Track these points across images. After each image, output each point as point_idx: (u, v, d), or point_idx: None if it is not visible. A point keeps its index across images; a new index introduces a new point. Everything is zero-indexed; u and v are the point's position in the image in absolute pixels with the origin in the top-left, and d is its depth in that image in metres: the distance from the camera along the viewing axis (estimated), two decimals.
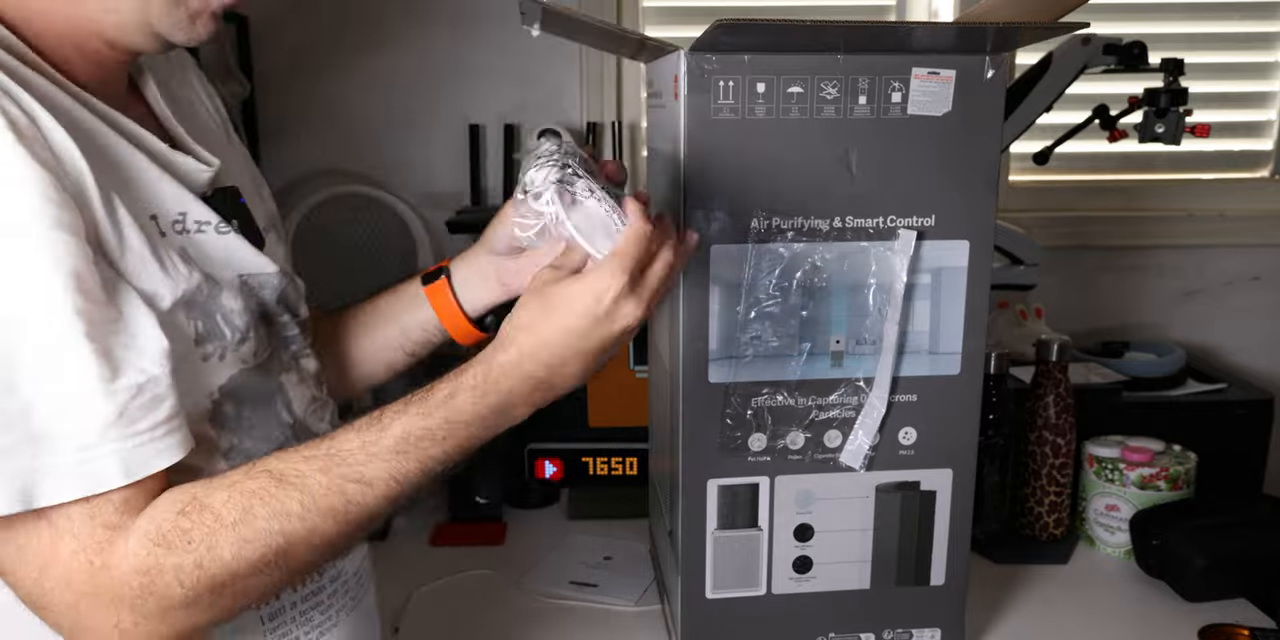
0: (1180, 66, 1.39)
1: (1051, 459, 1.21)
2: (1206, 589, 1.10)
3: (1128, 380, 1.40)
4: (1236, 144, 1.78)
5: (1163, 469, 1.19)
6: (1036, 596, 1.13)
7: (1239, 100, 1.76)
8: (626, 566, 1.18)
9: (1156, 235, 1.78)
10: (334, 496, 0.62)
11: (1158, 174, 1.80)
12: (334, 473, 0.63)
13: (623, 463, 1.32)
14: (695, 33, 0.78)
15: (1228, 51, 1.73)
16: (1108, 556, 1.22)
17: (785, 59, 0.82)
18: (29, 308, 0.55)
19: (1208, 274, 1.80)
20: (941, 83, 0.84)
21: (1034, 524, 1.24)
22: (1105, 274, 1.79)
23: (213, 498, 0.61)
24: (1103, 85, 1.47)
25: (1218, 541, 1.11)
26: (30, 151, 0.56)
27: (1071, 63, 1.35)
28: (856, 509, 0.93)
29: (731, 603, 0.94)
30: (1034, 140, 1.51)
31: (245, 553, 0.60)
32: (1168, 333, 1.78)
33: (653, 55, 0.93)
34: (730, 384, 0.88)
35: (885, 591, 0.95)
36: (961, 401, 0.91)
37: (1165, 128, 1.39)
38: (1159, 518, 1.16)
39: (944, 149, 0.86)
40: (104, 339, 0.57)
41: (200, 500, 0.61)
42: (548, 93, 1.68)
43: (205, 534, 0.59)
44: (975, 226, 0.88)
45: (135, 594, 0.58)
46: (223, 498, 0.61)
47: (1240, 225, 1.78)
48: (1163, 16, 1.72)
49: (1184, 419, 1.35)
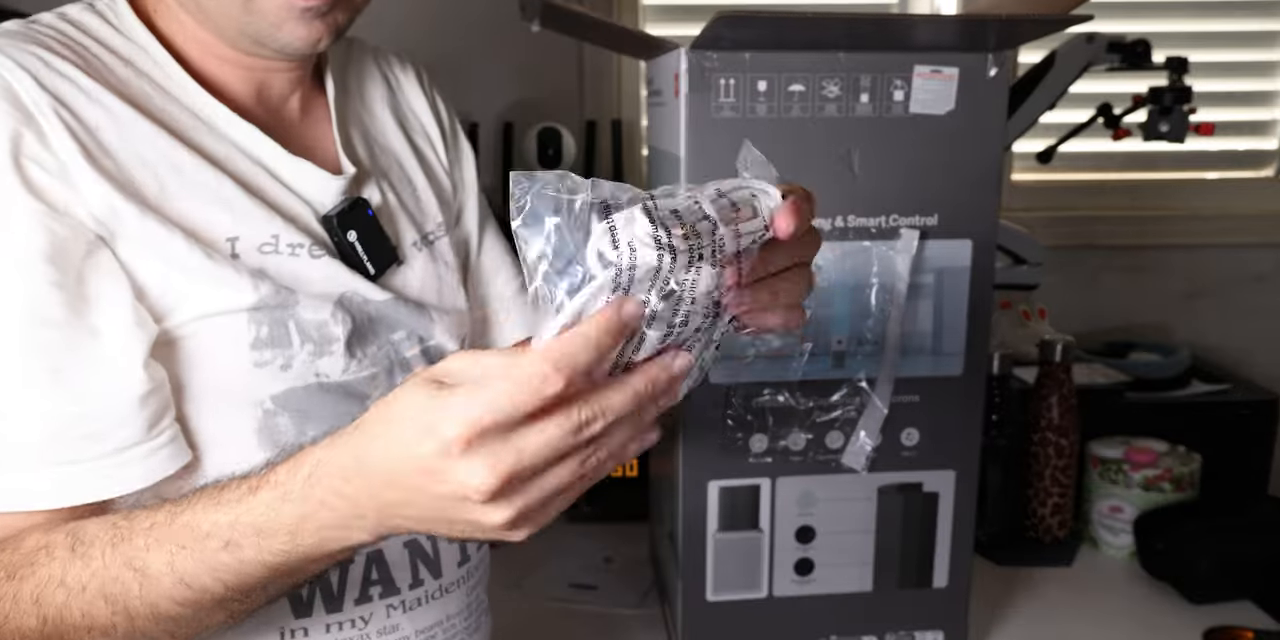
0: (1184, 65, 1.39)
1: (1055, 460, 1.21)
2: (1211, 591, 1.10)
3: (1131, 381, 1.39)
4: (1241, 143, 1.77)
5: (1167, 470, 1.19)
6: (1040, 599, 1.12)
7: (1243, 99, 1.75)
8: (626, 569, 1.18)
9: (1161, 235, 1.77)
10: (110, 581, 0.54)
11: (1162, 173, 1.79)
12: (119, 551, 0.54)
13: (623, 464, 1.31)
14: (695, 31, 0.77)
15: (1232, 50, 1.72)
16: (1112, 558, 1.21)
17: (786, 57, 0.81)
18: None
19: (1212, 274, 1.79)
20: (944, 81, 0.83)
21: (1037, 526, 1.23)
22: (1109, 274, 1.78)
23: (24, 542, 0.56)
24: (1106, 84, 1.46)
25: (1223, 543, 1.10)
26: (21, 177, 0.57)
27: (1075, 61, 1.34)
28: (858, 510, 0.92)
29: (732, 605, 0.93)
30: (1037, 139, 1.50)
31: (16, 616, 0.55)
32: (1172, 333, 1.77)
33: (653, 53, 0.92)
34: (731, 384, 0.88)
35: (887, 594, 0.94)
36: (964, 402, 0.91)
37: (1169, 126, 1.38)
38: (1163, 519, 1.15)
39: (947, 148, 0.85)
40: (50, 362, 0.57)
41: (15, 543, 0.57)
42: (546, 90, 1.67)
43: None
44: (978, 226, 0.87)
45: None
46: (28, 546, 0.56)
47: (1245, 225, 1.77)
48: (1167, 15, 1.71)
49: (1188, 420, 1.34)
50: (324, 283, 0.67)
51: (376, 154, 0.77)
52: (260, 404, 0.65)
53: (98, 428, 0.58)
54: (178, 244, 0.61)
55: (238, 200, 0.65)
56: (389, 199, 0.75)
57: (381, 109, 0.81)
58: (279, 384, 0.65)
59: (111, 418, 0.58)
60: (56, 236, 0.57)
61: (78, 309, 0.58)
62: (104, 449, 0.58)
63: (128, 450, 0.59)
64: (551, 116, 1.63)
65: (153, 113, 0.63)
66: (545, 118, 1.62)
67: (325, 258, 0.68)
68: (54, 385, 0.57)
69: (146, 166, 0.61)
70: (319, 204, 0.69)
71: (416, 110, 0.83)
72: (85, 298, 0.58)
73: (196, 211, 0.63)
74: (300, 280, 0.66)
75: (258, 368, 0.64)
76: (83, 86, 0.61)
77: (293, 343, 0.65)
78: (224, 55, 0.67)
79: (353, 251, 0.69)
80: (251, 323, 0.64)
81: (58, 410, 0.57)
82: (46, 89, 0.59)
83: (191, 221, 0.62)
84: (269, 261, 0.65)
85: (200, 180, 0.63)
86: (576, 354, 0.42)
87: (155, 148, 0.62)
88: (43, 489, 0.57)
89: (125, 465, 0.59)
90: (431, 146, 0.83)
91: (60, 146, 0.58)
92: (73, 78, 0.61)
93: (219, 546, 0.51)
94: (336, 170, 0.71)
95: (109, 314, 0.59)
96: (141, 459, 0.59)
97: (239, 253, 0.64)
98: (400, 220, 0.75)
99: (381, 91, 0.81)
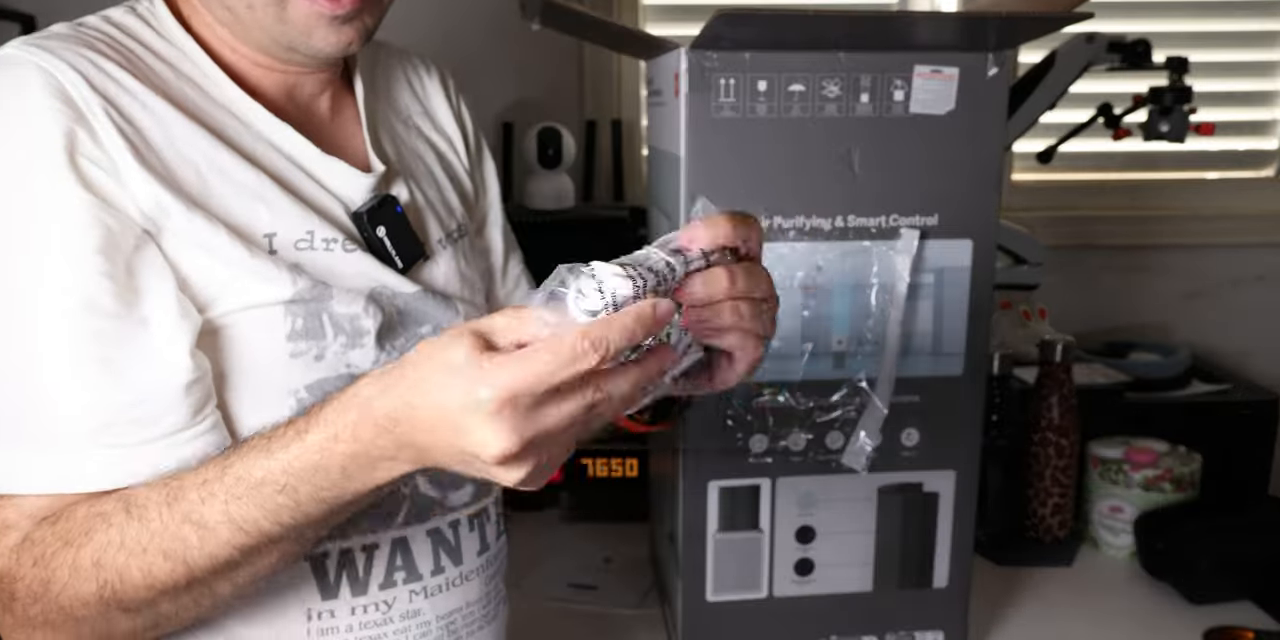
0: (1185, 65, 1.39)
1: (1055, 460, 1.20)
2: (1212, 591, 1.10)
3: (1132, 381, 1.39)
4: (1241, 143, 1.77)
5: (1167, 470, 1.19)
6: (1040, 599, 1.12)
7: (1243, 99, 1.75)
8: (626, 569, 1.17)
9: (1161, 235, 1.77)
10: (169, 537, 0.56)
11: (1162, 173, 1.79)
12: (175, 509, 0.57)
13: (623, 464, 1.31)
14: (695, 31, 0.77)
15: (1232, 50, 1.72)
16: (1112, 558, 1.21)
17: (787, 57, 0.81)
18: (28, 311, 0.59)
19: (1212, 274, 1.79)
20: (944, 81, 0.83)
21: (1038, 526, 1.23)
22: (1109, 274, 1.78)
23: (75, 512, 0.59)
24: (1106, 84, 1.46)
25: (1223, 543, 1.10)
26: (76, 173, 0.59)
27: (1075, 61, 1.34)
28: (859, 511, 0.92)
29: (732, 605, 0.93)
30: (1037, 139, 1.50)
31: (75, 583, 0.57)
32: (1172, 333, 1.77)
33: (653, 52, 0.92)
34: None
35: (887, 594, 0.94)
36: (964, 402, 0.91)
37: (1170, 126, 1.38)
38: (1164, 519, 1.15)
39: (947, 147, 0.85)
40: (103, 351, 0.59)
41: (68, 513, 0.59)
42: (546, 90, 1.67)
43: (51, 553, 0.58)
44: (978, 226, 0.87)
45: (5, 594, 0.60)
46: (81, 514, 0.59)
47: (1245, 225, 1.77)
48: (1167, 14, 1.71)
49: (1189, 420, 1.34)
50: (356, 277, 0.69)
51: (403, 154, 0.79)
52: (295, 393, 0.66)
53: (146, 413, 0.60)
54: (221, 239, 0.63)
55: (274, 198, 0.67)
56: (416, 197, 0.77)
57: (407, 111, 0.83)
58: (312, 374, 0.67)
59: (159, 404, 0.60)
60: (108, 230, 0.60)
61: (127, 300, 0.60)
62: (150, 434, 0.60)
63: (173, 435, 0.61)
64: (551, 116, 1.63)
65: (194, 113, 0.66)
66: (545, 117, 1.62)
67: (357, 252, 0.70)
68: (104, 373, 0.59)
69: (190, 165, 0.64)
70: (350, 200, 0.71)
71: (440, 115, 0.85)
72: (135, 289, 0.60)
73: (237, 208, 0.65)
74: (334, 275, 0.68)
75: (293, 358, 0.66)
76: (129, 88, 0.63)
77: (326, 335, 0.67)
78: (256, 60, 0.70)
79: (382, 247, 0.71)
80: (288, 315, 0.66)
81: (107, 398, 0.59)
82: (97, 89, 0.61)
83: (233, 218, 0.65)
84: (304, 257, 0.67)
85: (240, 179, 0.66)
86: (613, 338, 0.47)
87: (197, 147, 0.65)
88: (91, 471, 0.60)
89: (170, 449, 0.61)
90: (454, 150, 0.85)
91: (111, 145, 0.60)
92: (120, 80, 0.63)
93: (275, 491, 0.55)
94: (366, 168, 0.73)
95: (157, 305, 0.61)
96: (186, 443, 0.61)
97: (276, 248, 0.66)
98: (427, 217, 0.78)
99: (407, 94, 0.84)
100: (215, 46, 0.70)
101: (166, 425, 0.61)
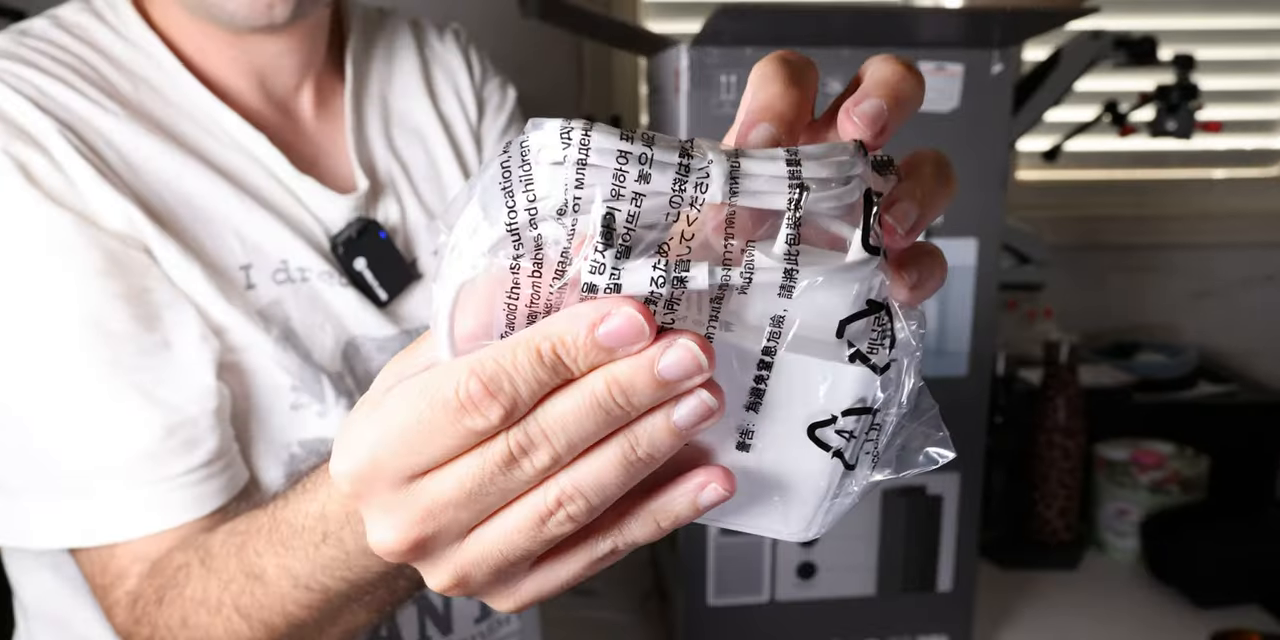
0: (1191, 62, 1.37)
1: (1061, 462, 1.19)
2: (1219, 595, 1.09)
3: (1138, 382, 1.38)
4: (1248, 141, 1.76)
5: (1174, 472, 1.17)
6: (1045, 602, 1.11)
7: (1250, 97, 1.74)
8: (626, 572, 1.16)
9: (1168, 234, 1.76)
10: (238, 593, 0.49)
11: (1169, 171, 1.77)
12: (241, 559, 0.49)
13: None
14: (696, 27, 0.76)
15: (1240, 47, 1.71)
16: (1118, 562, 1.20)
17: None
18: (41, 350, 0.55)
19: (1220, 273, 1.78)
20: (948, 78, 0.82)
21: (1043, 528, 1.22)
22: (1115, 273, 1.77)
23: (168, 562, 0.54)
24: (1112, 81, 1.45)
25: (1231, 546, 1.09)
26: (44, 194, 0.55)
27: (1080, 57, 1.32)
28: (861, 514, 0.91)
29: (734, 610, 0.92)
30: (1043, 137, 1.49)
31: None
32: (1179, 333, 1.76)
33: (653, 49, 0.91)
34: None
35: (891, 598, 0.93)
36: (969, 403, 0.90)
37: (1177, 124, 1.37)
38: (1170, 522, 1.14)
39: (951, 145, 0.84)
40: (129, 377, 0.56)
41: (163, 563, 0.55)
42: (544, 86, 1.66)
43: (151, 614, 0.54)
44: (983, 224, 0.86)
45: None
46: (169, 565, 0.54)
47: (1253, 224, 1.76)
48: (1174, 10, 1.70)
49: (1196, 421, 1.33)
50: (333, 324, 0.64)
51: (400, 154, 0.73)
52: (288, 447, 0.62)
53: (191, 436, 0.56)
54: (195, 274, 0.59)
55: (246, 222, 0.62)
56: (408, 211, 0.71)
57: (411, 85, 0.76)
58: (308, 429, 0.62)
59: (201, 426, 0.57)
60: (107, 249, 0.56)
61: (147, 323, 0.56)
62: (194, 461, 0.56)
63: (213, 463, 0.57)
64: (549, 113, 1.61)
65: (158, 127, 0.61)
66: (543, 114, 1.60)
67: (335, 285, 0.65)
68: (140, 402, 0.55)
69: (153, 191, 0.59)
70: (329, 222, 0.66)
71: (460, 87, 0.78)
72: (152, 309, 0.57)
73: (207, 242, 0.61)
74: (309, 321, 0.63)
75: (293, 410, 0.62)
76: (78, 112, 0.58)
77: (326, 397, 0.62)
78: (212, 35, 0.63)
79: (362, 279, 0.66)
80: (285, 368, 0.61)
81: (149, 427, 0.55)
82: (47, 112, 0.57)
83: (205, 253, 0.60)
84: (284, 292, 0.63)
85: (206, 206, 0.61)
86: (520, 380, 0.27)
87: (161, 168, 0.60)
88: (137, 512, 0.55)
89: (211, 478, 0.57)
90: (465, 116, 0.78)
91: (72, 168, 0.56)
92: (68, 103, 0.58)
93: (318, 541, 0.44)
94: (349, 184, 0.68)
95: (178, 325, 0.57)
96: (221, 471, 0.57)
97: (255, 281, 0.62)
98: (420, 230, 0.71)
99: (413, 64, 0.76)
100: (175, 36, 0.63)
101: (208, 450, 0.57)
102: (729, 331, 0.29)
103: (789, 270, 0.28)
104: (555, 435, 0.28)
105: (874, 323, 0.29)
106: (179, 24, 0.63)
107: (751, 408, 0.30)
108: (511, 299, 0.28)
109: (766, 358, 0.29)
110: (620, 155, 0.27)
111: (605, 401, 0.27)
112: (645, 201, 0.27)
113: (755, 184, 0.27)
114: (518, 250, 0.27)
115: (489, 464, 0.28)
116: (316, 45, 0.68)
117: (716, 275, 0.27)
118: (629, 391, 0.27)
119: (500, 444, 0.28)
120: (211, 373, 0.57)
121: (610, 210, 0.27)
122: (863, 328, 0.29)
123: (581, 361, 0.27)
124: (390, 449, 0.28)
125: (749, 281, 0.28)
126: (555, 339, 0.27)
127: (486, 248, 0.27)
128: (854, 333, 0.29)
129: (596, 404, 0.27)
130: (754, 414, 0.30)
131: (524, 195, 0.27)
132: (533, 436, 0.28)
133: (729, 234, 0.28)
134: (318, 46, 0.68)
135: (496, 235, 0.27)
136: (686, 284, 0.27)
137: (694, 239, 0.28)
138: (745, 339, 0.29)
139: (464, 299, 0.28)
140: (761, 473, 0.31)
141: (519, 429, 0.28)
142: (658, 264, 0.27)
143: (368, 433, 0.29)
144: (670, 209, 0.27)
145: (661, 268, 0.27)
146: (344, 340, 0.65)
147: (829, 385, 0.29)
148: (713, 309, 0.28)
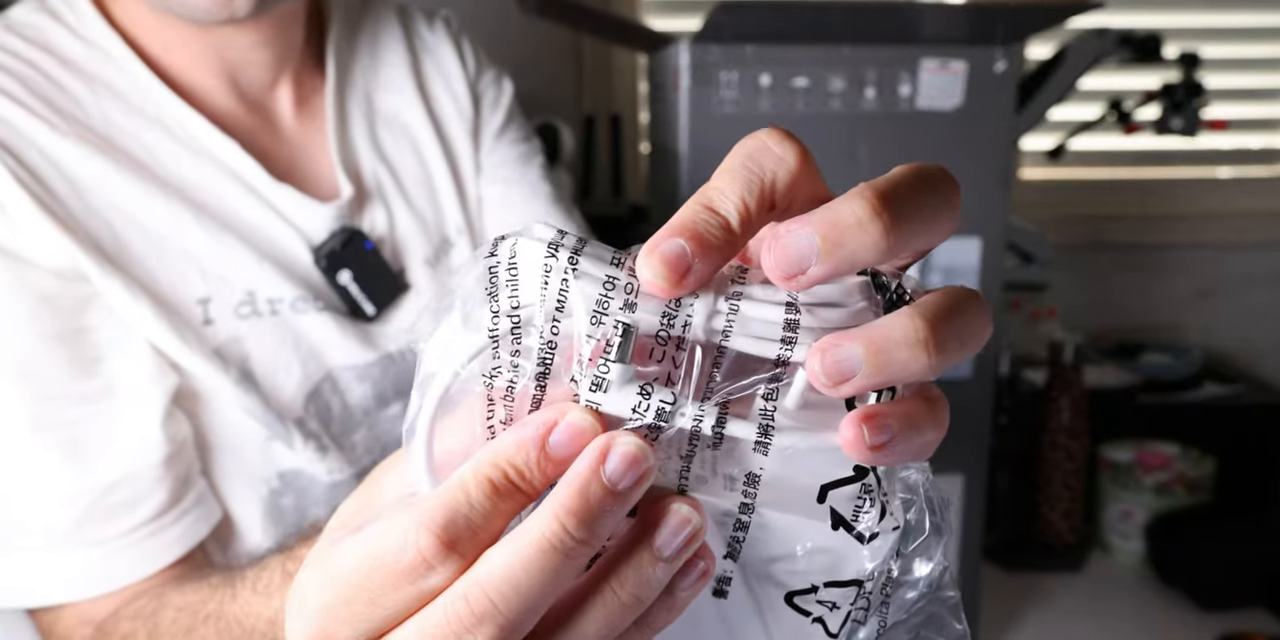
0: (1196, 60, 1.36)
1: (1065, 464, 1.18)
2: (1224, 597, 1.08)
3: (1143, 382, 1.37)
4: (1254, 140, 1.75)
5: (1180, 474, 1.17)
6: (1049, 605, 1.10)
7: (1256, 95, 1.73)
8: None
9: (1173, 233, 1.75)
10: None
11: (1174, 169, 1.77)
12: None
13: None
14: (695, 24, 0.75)
15: (1245, 44, 1.70)
16: (1123, 564, 1.19)
17: (790, 50, 0.79)
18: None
19: (1225, 273, 1.77)
20: (951, 75, 0.81)
21: (1047, 531, 1.21)
22: (1120, 273, 1.76)
23: (113, 628, 0.51)
24: (1117, 79, 1.44)
25: (1236, 548, 1.09)
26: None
27: (1085, 55, 1.31)
28: None
29: None
30: (1046, 135, 1.48)
31: None
32: (1185, 333, 1.75)
33: (654, 46, 0.90)
34: None
35: None
36: (972, 405, 0.89)
37: (1182, 123, 1.36)
38: (1176, 524, 1.13)
39: (954, 143, 0.83)
40: (59, 433, 0.52)
41: (108, 629, 0.52)
42: (544, 84, 1.65)
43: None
44: (987, 224, 0.86)
45: None
46: (116, 632, 0.51)
47: (1259, 223, 1.75)
48: (1179, 8, 1.69)
49: (1201, 422, 1.32)
50: (304, 361, 0.59)
51: (387, 155, 0.67)
52: (267, 481, 0.59)
53: (133, 493, 0.53)
54: (143, 309, 0.54)
55: (209, 250, 0.57)
56: (397, 217, 0.66)
57: (400, 80, 0.70)
58: (285, 460, 0.59)
59: (146, 480, 0.53)
60: (39, 289, 0.52)
61: (84, 366, 0.52)
62: (137, 519, 0.53)
63: (160, 517, 0.54)
64: (549, 111, 1.61)
65: (113, 146, 0.56)
66: (542, 113, 1.60)
67: (310, 313, 0.60)
68: (74, 458, 0.52)
69: (102, 222, 0.54)
70: (311, 233, 0.61)
71: (453, 81, 0.73)
72: (91, 351, 0.53)
73: (161, 273, 0.56)
74: (275, 361, 0.58)
75: (270, 441, 0.58)
76: (23, 131, 0.53)
77: (293, 441, 0.59)
78: (177, 30, 0.58)
79: (346, 295, 0.62)
80: (240, 409, 0.57)
81: (83, 485, 0.52)
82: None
83: (156, 284, 0.55)
84: (245, 328, 0.58)
85: (165, 232, 0.56)
86: (458, 510, 0.25)
87: (113, 192, 0.55)
88: (73, 576, 0.52)
89: (158, 533, 0.54)
90: (459, 113, 0.72)
91: (8, 198, 0.52)
92: (11, 121, 0.53)
93: None
94: (332, 191, 0.63)
95: (123, 367, 0.53)
96: (171, 524, 0.54)
97: (213, 317, 0.57)
98: (409, 237, 0.67)
99: (401, 57, 0.71)
100: (138, 34, 0.58)
101: (153, 506, 0.53)
102: (702, 484, 0.27)
103: (764, 426, 0.26)
104: (491, 586, 0.24)
105: (860, 490, 0.27)
106: (141, 20, 0.59)
107: (730, 556, 0.28)
108: (489, 419, 0.27)
109: (744, 516, 0.27)
110: (608, 281, 0.26)
111: (611, 600, 0.26)
112: (630, 330, 0.25)
113: (748, 328, 0.26)
114: (496, 361, 0.26)
115: (452, 622, 0.25)
116: (292, 37, 0.62)
117: (690, 419, 0.26)
118: (643, 586, 0.26)
119: (461, 605, 0.25)
120: (159, 419, 0.53)
121: (619, 325, 0.25)
122: (848, 494, 0.27)
123: (538, 481, 0.25)
124: (338, 617, 0.26)
125: (720, 437, 0.26)
126: (506, 466, 0.25)
127: (465, 359, 0.26)
128: (837, 498, 0.27)
129: (611, 606, 0.26)
130: (731, 562, 0.28)
131: (509, 301, 0.26)
132: (494, 600, 0.25)
133: (711, 374, 0.26)
134: (294, 38, 0.63)
135: (477, 344, 0.26)
136: (667, 419, 0.26)
137: (677, 376, 0.26)
138: (715, 492, 0.27)
139: (441, 417, 0.27)
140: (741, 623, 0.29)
141: (475, 587, 0.25)
142: (640, 392, 0.26)
143: (313, 598, 0.27)
144: (656, 345, 0.26)
145: (642, 395, 0.26)
146: (316, 377, 0.60)
147: (808, 549, 0.28)
148: (687, 453, 0.27)
